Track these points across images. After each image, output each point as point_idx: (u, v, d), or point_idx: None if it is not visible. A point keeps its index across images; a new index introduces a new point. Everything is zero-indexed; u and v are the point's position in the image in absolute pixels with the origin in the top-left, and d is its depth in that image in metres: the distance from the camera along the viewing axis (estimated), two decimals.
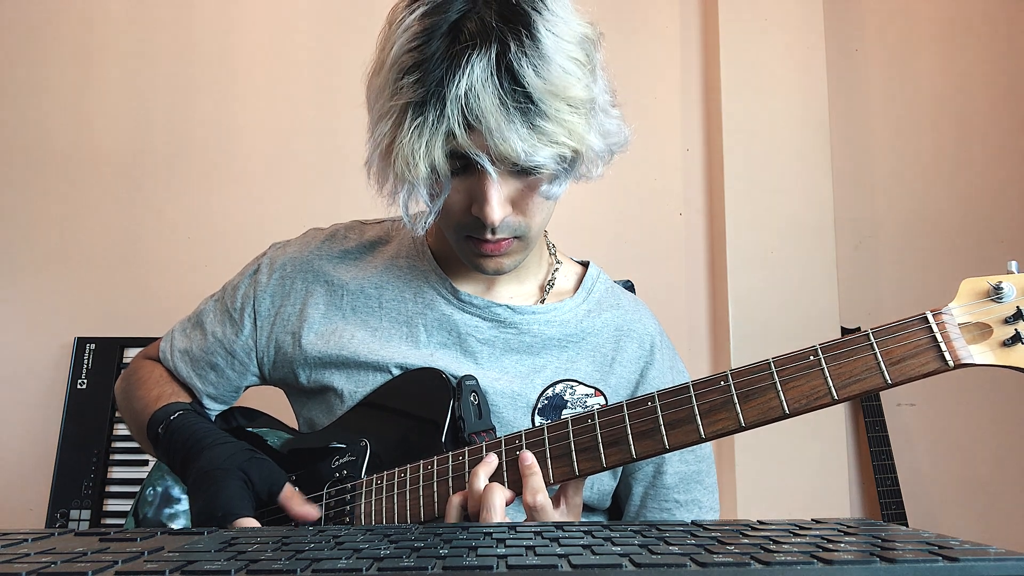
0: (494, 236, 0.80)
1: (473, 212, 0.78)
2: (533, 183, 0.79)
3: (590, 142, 0.76)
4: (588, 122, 0.76)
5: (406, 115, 0.73)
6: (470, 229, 0.81)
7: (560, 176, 0.78)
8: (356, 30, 2.09)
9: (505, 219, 0.79)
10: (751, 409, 0.66)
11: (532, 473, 0.72)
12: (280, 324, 0.97)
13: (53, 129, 2.11)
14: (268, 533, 0.52)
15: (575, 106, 0.73)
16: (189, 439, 0.87)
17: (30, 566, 0.40)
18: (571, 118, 0.73)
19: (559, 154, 0.74)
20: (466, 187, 0.78)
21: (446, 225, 0.84)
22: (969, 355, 0.62)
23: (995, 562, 0.38)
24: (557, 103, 0.72)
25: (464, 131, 0.71)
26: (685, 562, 0.39)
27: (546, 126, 0.72)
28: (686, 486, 0.94)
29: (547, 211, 0.83)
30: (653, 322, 1.00)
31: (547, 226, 1.02)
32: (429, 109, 0.71)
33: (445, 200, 0.79)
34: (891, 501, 1.92)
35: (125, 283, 2.05)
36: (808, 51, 2.08)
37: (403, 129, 0.73)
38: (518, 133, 0.71)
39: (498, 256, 0.83)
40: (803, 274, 2.00)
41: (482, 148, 0.72)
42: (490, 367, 0.91)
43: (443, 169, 0.74)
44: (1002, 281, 0.63)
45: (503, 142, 0.71)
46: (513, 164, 0.74)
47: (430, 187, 0.76)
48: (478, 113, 0.70)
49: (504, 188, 0.77)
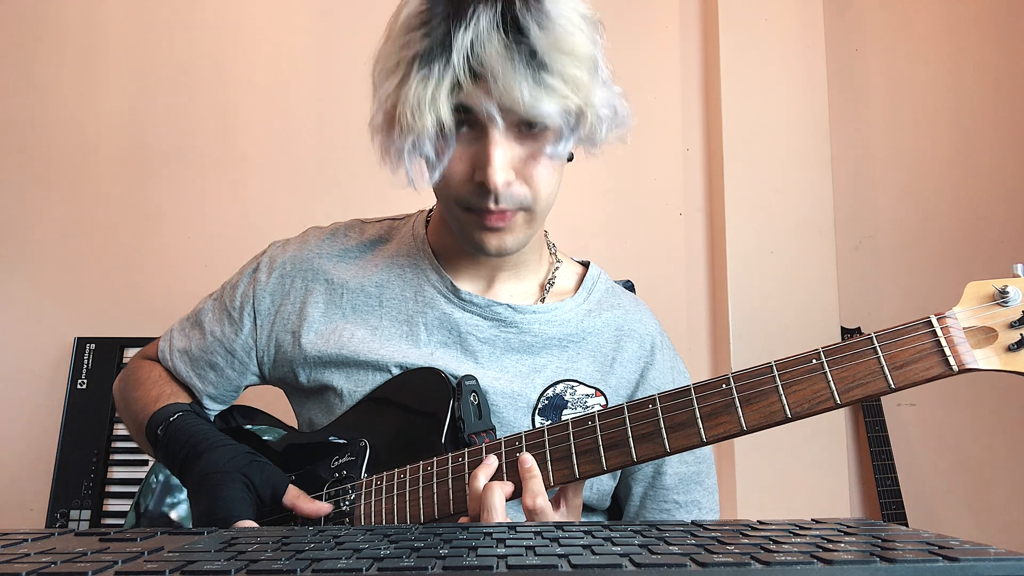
0: (497, 205, 0.79)
1: (476, 178, 0.78)
2: (537, 149, 0.78)
3: (594, 100, 0.76)
4: (592, 79, 0.76)
5: (412, 67, 0.73)
6: (473, 200, 0.80)
7: (565, 135, 0.77)
8: (356, 30, 2.09)
9: (510, 188, 0.78)
10: (753, 413, 0.66)
11: (532, 476, 0.72)
12: (280, 323, 0.97)
13: (53, 129, 2.11)
14: (268, 533, 0.52)
15: (579, 62, 0.74)
16: (189, 441, 0.87)
17: (30, 566, 0.40)
18: (575, 72, 0.73)
19: (564, 107, 0.74)
20: (470, 154, 0.78)
21: (447, 199, 0.83)
22: (974, 360, 0.61)
23: (995, 562, 0.38)
24: (561, 57, 0.72)
25: (470, 80, 0.72)
26: (685, 562, 0.39)
27: (550, 79, 0.72)
28: (686, 487, 0.94)
29: (552, 184, 0.82)
30: (654, 322, 1.00)
31: (547, 226, 1.02)
32: (436, 59, 0.72)
33: (448, 171, 0.79)
34: (891, 501, 1.92)
35: (125, 283, 2.05)
36: (808, 51, 2.08)
37: (409, 80, 0.73)
38: (524, 83, 0.71)
39: (501, 231, 0.82)
40: (803, 274, 2.00)
41: (488, 98, 0.73)
42: (490, 366, 0.90)
43: (449, 123, 0.74)
44: (1008, 285, 0.62)
45: (508, 91, 0.71)
46: (517, 116, 0.74)
47: (435, 143, 0.76)
48: (484, 60, 0.71)
49: (508, 151, 0.77)
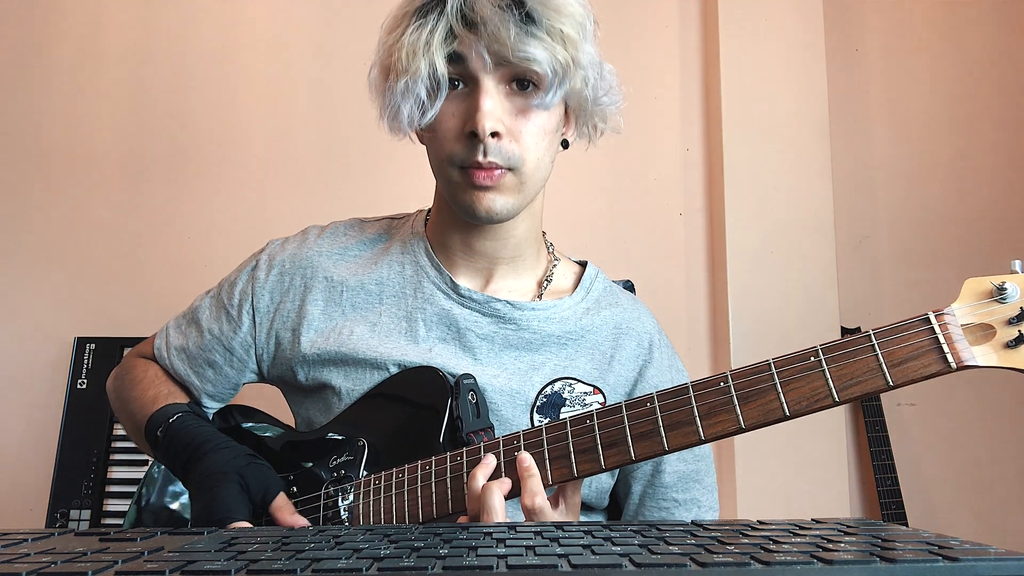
0: (486, 159, 0.81)
1: (467, 129, 0.81)
2: (526, 105, 0.82)
3: (582, 58, 0.81)
4: (581, 38, 0.81)
5: (410, 20, 0.81)
6: (463, 156, 0.82)
7: (553, 88, 0.81)
8: (356, 31, 2.09)
9: (499, 143, 0.81)
10: (751, 410, 0.66)
11: (530, 475, 0.72)
12: (280, 320, 0.97)
13: (53, 129, 2.11)
14: (268, 533, 0.52)
15: (566, 19, 0.79)
16: (190, 443, 0.86)
17: (30, 566, 0.40)
18: (565, 28, 0.79)
19: (552, 56, 0.78)
20: (461, 110, 0.82)
21: (439, 159, 0.86)
22: (972, 357, 0.61)
23: (995, 562, 0.38)
24: (549, 12, 0.78)
25: (463, 27, 0.79)
26: (685, 562, 0.39)
27: (539, 32, 0.78)
28: (685, 485, 0.94)
29: (541, 148, 0.85)
30: (652, 321, 1.00)
31: (546, 226, 1.02)
32: (432, 11, 0.80)
33: (439, 127, 0.83)
34: (891, 501, 1.92)
35: (125, 283, 2.05)
36: (808, 51, 2.08)
37: (407, 30, 0.80)
38: (512, 27, 0.77)
39: (490, 190, 0.83)
40: (803, 274, 2.00)
41: (479, 43, 0.79)
42: (489, 363, 0.91)
43: (441, 70, 0.79)
44: (1006, 281, 0.62)
45: (498, 35, 0.77)
46: (506, 61, 0.79)
47: (428, 84, 0.80)
48: (476, 8, 0.78)
49: (498, 103, 0.81)
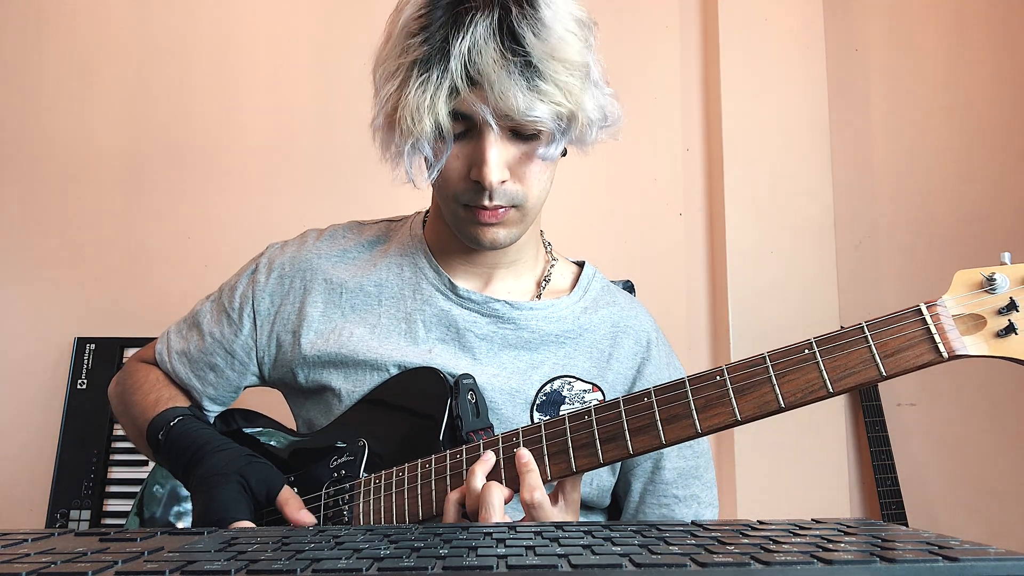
0: (491, 203, 0.82)
1: (472, 176, 0.81)
2: (530, 150, 0.82)
3: (585, 105, 0.80)
4: (583, 85, 0.80)
5: (412, 72, 0.77)
6: (468, 197, 0.83)
7: (556, 139, 0.81)
8: (357, 31, 2.09)
9: (503, 186, 0.81)
10: (747, 403, 0.66)
11: (529, 471, 0.72)
12: (280, 323, 0.97)
13: (53, 129, 2.11)
14: (268, 533, 0.52)
15: (571, 69, 0.77)
16: (191, 446, 0.87)
17: (30, 566, 0.40)
18: (568, 79, 0.77)
19: (556, 112, 0.78)
20: (466, 153, 0.82)
21: (444, 195, 0.86)
22: (963, 346, 0.62)
23: (995, 562, 0.38)
24: (555, 65, 0.76)
25: (467, 86, 0.76)
26: (685, 562, 0.39)
27: (544, 85, 0.76)
28: (684, 481, 0.94)
29: (544, 182, 0.85)
30: (649, 319, 1.01)
31: (546, 226, 1.02)
32: (434, 65, 0.76)
33: (445, 168, 0.82)
34: (891, 501, 1.92)
35: (125, 283, 2.05)
36: (808, 51, 2.08)
37: (409, 85, 0.77)
38: (518, 88, 0.75)
39: (495, 226, 0.85)
40: (803, 274, 2.00)
41: (484, 104, 0.76)
42: (488, 363, 0.91)
43: (447, 127, 0.78)
44: (995, 272, 0.63)
45: (504, 97, 0.75)
46: (512, 121, 0.78)
47: (433, 144, 0.80)
48: (480, 68, 0.75)
49: (503, 152, 0.80)
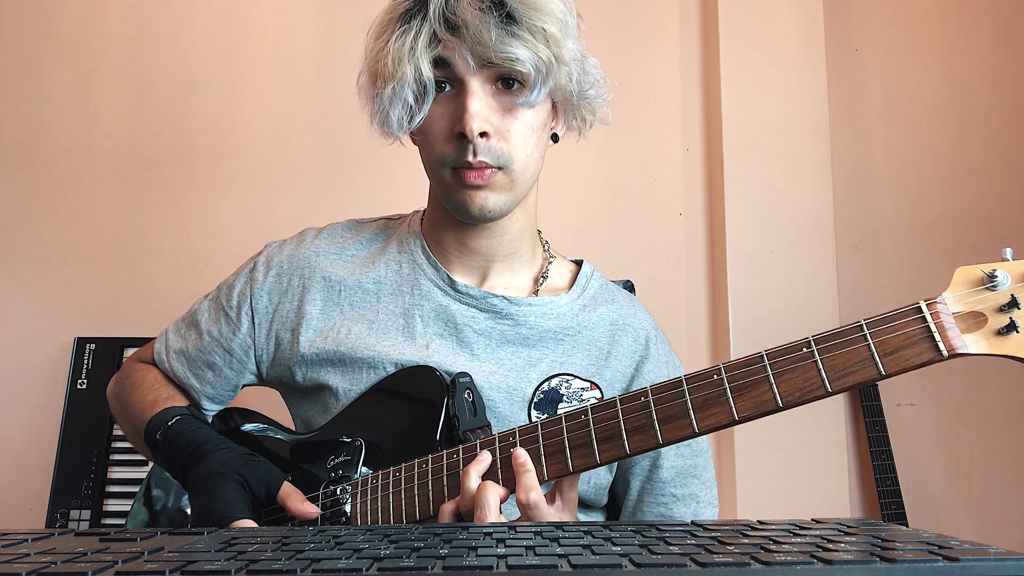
0: (476, 158, 0.83)
1: (455, 130, 0.83)
2: (512, 103, 0.84)
3: (563, 54, 0.82)
4: (561, 35, 0.82)
5: (394, 26, 0.83)
6: (453, 157, 0.84)
7: (537, 86, 0.82)
8: (357, 31, 2.08)
9: (488, 142, 0.83)
10: (744, 402, 0.66)
11: (526, 471, 0.72)
12: (279, 321, 0.97)
13: (53, 129, 2.11)
14: (268, 533, 0.52)
15: (548, 18, 0.81)
16: (189, 446, 0.87)
17: (30, 566, 0.40)
18: (544, 26, 0.80)
19: (533, 54, 0.80)
20: (450, 112, 0.84)
21: (431, 162, 0.87)
22: (963, 345, 0.61)
23: (995, 562, 0.38)
24: (531, 12, 0.80)
25: (445, 31, 0.80)
26: (685, 562, 0.39)
27: (519, 30, 0.79)
28: (683, 480, 0.94)
29: (530, 147, 0.86)
30: (648, 317, 1.00)
31: (546, 225, 1.02)
32: (415, 17, 0.82)
33: (430, 132, 0.85)
34: (891, 501, 1.92)
35: (125, 283, 2.05)
36: (808, 51, 2.08)
37: (392, 36, 0.82)
38: (494, 28, 0.79)
39: (482, 189, 0.85)
40: (803, 274, 2.00)
41: (462, 46, 0.80)
42: (486, 359, 0.91)
43: (427, 74, 0.81)
44: (996, 269, 0.62)
45: (478, 35, 0.79)
46: (490, 65, 0.81)
47: (415, 89, 0.82)
48: (457, 10, 0.79)
49: (484, 103, 0.82)
